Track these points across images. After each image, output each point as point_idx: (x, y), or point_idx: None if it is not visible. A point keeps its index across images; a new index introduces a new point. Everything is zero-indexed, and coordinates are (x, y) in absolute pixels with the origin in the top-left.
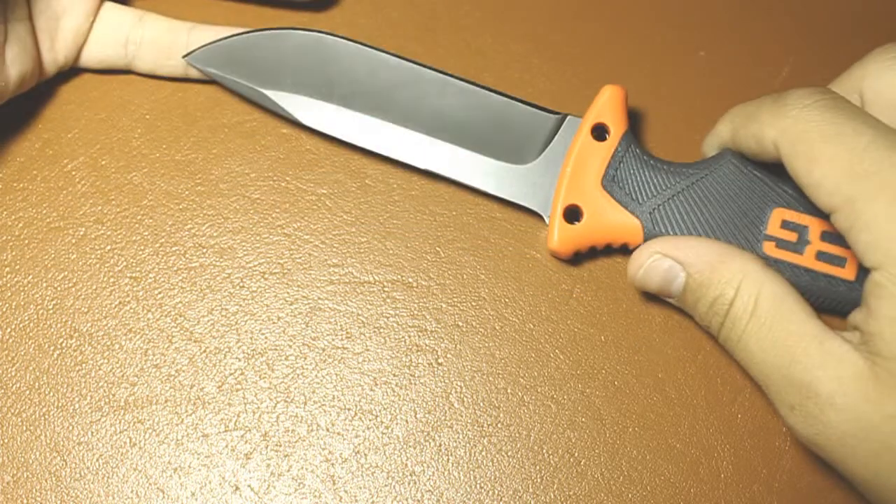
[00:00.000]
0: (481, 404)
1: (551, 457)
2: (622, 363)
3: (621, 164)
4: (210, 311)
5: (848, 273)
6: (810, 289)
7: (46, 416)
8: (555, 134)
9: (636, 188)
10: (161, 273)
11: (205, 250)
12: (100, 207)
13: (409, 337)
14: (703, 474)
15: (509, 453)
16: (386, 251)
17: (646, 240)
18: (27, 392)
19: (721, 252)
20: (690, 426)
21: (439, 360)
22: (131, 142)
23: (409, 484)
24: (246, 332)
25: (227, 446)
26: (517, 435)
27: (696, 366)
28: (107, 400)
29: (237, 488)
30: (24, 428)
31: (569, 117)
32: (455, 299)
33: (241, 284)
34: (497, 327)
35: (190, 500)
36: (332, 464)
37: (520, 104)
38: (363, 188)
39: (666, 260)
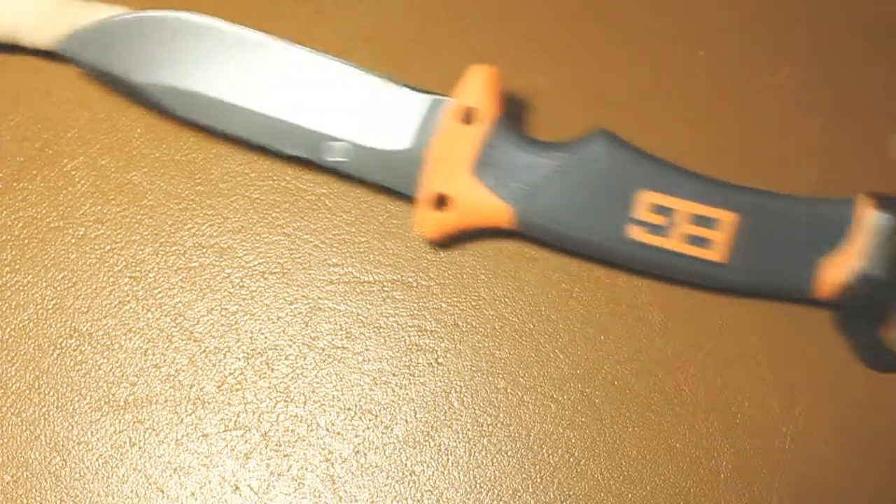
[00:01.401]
0: (481, 404)
1: (551, 457)
2: (622, 363)
3: (492, 149)
4: (210, 310)
5: (716, 255)
6: (677, 271)
7: (46, 416)
8: (427, 116)
9: (507, 172)
10: (161, 273)
11: (205, 250)
12: (100, 207)
13: (409, 337)
14: (703, 474)
15: (509, 453)
16: (386, 251)
17: (516, 224)
18: (27, 392)
19: None
20: (690, 426)
21: (439, 360)
22: (131, 141)
23: (409, 484)
24: (246, 331)
25: (226, 446)
26: (517, 435)
27: (696, 366)
28: (107, 400)
29: (237, 488)
30: (24, 428)
31: (442, 99)
32: (455, 299)
33: (241, 284)
34: (497, 327)
35: (190, 500)
36: (332, 463)
37: (392, 84)
38: (363, 187)
39: None
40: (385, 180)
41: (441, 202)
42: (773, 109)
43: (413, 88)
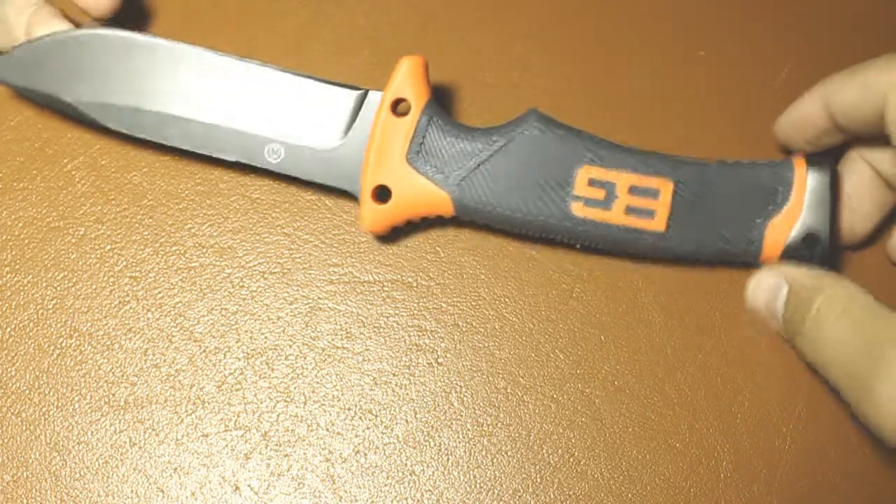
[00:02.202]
0: (481, 404)
1: (551, 457)
2: (622, 363)
3: (425, 138)
4: (210, 310)
5: (657, 224)
6: (621, 243)
7: (46, 416)
8: (358, 111)
9: (442, 160)
10: (161, 273)
11: (205, 250)
12: (100, 207)
13: (409, 337)
14: (703, 474)
15: (509, 453)
16: (386, 251)
17: (457, 211)
18: (27, 392)
19: (819, 272)
20: (690, 426)
21: (439, 360)
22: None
23: (409, 484)
24: (246, 331)
25: (226, 446)
26: (517, 435)
27: (696, 366)
28: (107, 400)
29: (237, 488)
30: (24, 428)
31: (370, 93)
32: (455, 299)
33: (241, 284)
34: (497, 327)
35: (190, 500)
36: (332, 463)
37: (320, 83)
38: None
39: (773, 276)
40: (324, 178)
41: (382, 195)
42: (773, 109)
43: (341, 85)
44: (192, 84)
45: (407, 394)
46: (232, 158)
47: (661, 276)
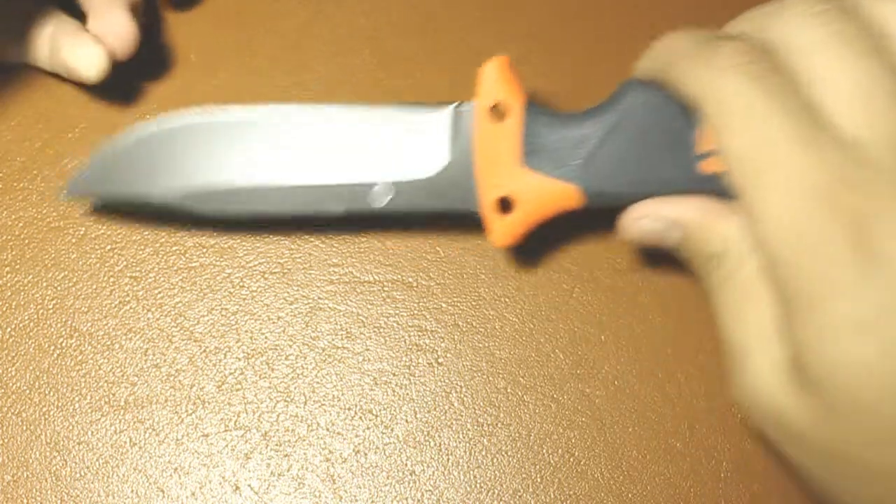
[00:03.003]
0: (481, 404)
1: (551, 457)
2: (622, 363)
3: (533, 135)
4: (210, 310)
5: None
6: None
7: (46, 416)
8: (456, 128)
9: (558, 154)
10: (161, 273)
11: (205, 250)
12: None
13: (409, 337)
14: (703, 474)
15: (509, 453)
16: (386, 251)
17: (589, 198)
18: (27, 392)
19: (710, 209)
20: (690, 426)
21: (439, 360)
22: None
23: (409, 484)
24: (246, 331)
25: (227, 446)
26: (517, 435)
27: (696, 366)
28: (107, 400)
29: (237, 488)
30: (24, 427)
31: (463, 105)
32: (455, 299)
33: (241, 284)
34: (497, 327)
35: (190, 500)
36: (332, 463)
37: (407, 108)
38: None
39: (659, 220)
40: (438, 206)
41: (504, 206)
42: None
43: (429, 106)
44: (282, 147)
45: (407, 394)
46: (339, 211)
47: (661, 277)
